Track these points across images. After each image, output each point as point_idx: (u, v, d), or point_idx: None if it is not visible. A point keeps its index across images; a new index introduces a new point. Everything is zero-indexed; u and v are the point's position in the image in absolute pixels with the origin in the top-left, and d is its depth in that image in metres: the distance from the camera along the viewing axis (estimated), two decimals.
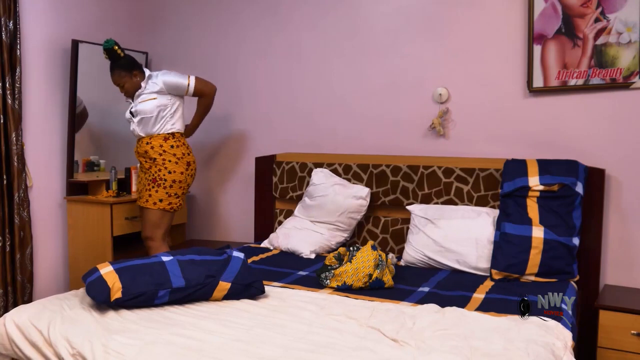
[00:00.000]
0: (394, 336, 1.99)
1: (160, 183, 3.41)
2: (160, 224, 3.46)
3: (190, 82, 3.49)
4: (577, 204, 2.89)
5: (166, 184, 3.41)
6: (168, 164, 3.41)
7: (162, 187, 3.41)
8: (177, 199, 3.47)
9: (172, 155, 3.43)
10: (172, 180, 3.42)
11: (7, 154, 3.42)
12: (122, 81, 3.44)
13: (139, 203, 3.51)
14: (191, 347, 1.90)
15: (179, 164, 3.44)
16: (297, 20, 3.91)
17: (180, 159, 3.45)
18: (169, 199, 3.43)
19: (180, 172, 3.44)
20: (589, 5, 3.01)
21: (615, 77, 2.99)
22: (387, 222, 3.49)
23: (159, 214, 3.43)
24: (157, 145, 3.42)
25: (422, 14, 3.50)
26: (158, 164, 3.42)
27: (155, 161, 3.42)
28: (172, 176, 3.42)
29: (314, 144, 3.89)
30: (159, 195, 3.41)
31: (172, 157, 3.43)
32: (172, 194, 3.44)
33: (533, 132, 3.24)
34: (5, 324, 2.18)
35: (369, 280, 2.63)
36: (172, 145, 3.43)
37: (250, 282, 2.45)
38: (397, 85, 3.59)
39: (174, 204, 3.46)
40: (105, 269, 2.31)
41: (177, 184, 3.44)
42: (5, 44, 3.35)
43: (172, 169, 3.42)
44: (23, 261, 3.52)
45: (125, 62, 3.44)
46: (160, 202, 3.41)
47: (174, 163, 3.43)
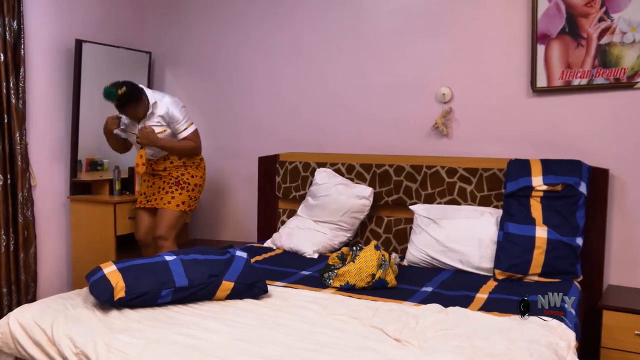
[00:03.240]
0: (396, 336, 1.99)
1: (184, 186, 3.54)
2: (176, 225, 3.56)
3: (189, 129, 3.45)
4: (580, 204, 2.88)
5: (189, 187, 3.55)
6: (190, 169, 3.56)
7: (186, 190, 3.54)
8: (195, 201, 3.63)
9: (192, 160, 3.57)
10: (195, 184, 3.58)
11: (11, 153, 3.42)
12: (138, 113, 3.35)
13: (157, 205, 3.52)
14: (194, 346, 1.90)
15: (199, 169, 3.61)
16: (300, 20, 3.91)
17: (199, 165, 3.61)
18: (189, 201, 3.57)
19: (200, 176, 3.61)
20: (592, 5, 3.00)
21: (619, 76, 2.98)
22: (390, 222, 3.49)
23: (177, 214, 3.53)
24: (176, 159, 3.53)
25: (425, 13, 3.49)
26: (180, 169, 3.54)
27: (176, 167, 3.55)
28: (195, 180, 3.58)
29: (317, 144, 3.89)
30: (182, 198, 3.52)
31: (192, 163, 3.57)
32: (193, 197, 3.59)
33: (536, 132, 3.23)
34: (9, 323, 2.18)
35: (372, 280, 2.63)
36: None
37: (253, 281, 2.45)
38: (400, 85, 3.59)
39: (192, 206, 3.61)
40: (109, 269, 2.32)
41: (198, 187, 3.61)
42: (10, 44, 3.35)
43: (194, 173, 3.58)
44: (27, 260, 3.53)
45: (130, 94, 3.24)
46: (182, 204, 3.53)
47: (195, 167, 3.59)
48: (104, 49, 3.92)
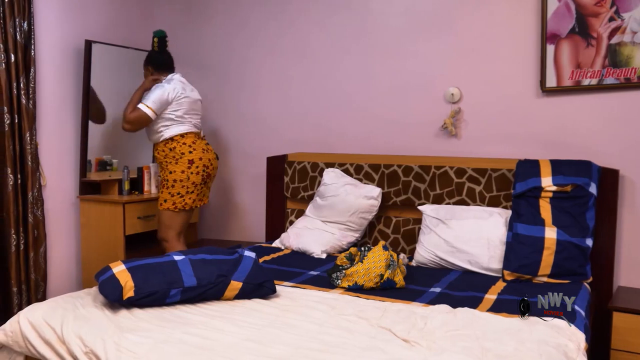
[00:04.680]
0: (405, 336, 1.99)
1: (164, 184, 3.53)
2: (171, 225, 3.52)
3: (142, 107, 3.41)
4: (590, 204, 2.86)
5: (168, 184, 3.50)
6: (169, 165, 3.50)
7: (165, 188, 3.51)
8: (180, 197, 3.49)
9: (171, 157, 3.49)
10: (174, 179, 3.48)
11: (22, 153, 3.45)
12: (162, 67, 3.64)
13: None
14: (203, 346, 1.90)
15: (179, 164, 3.47)
16: (308, 21, 3.91)
17: (179, 159, 3.47)
18: (172, 198, 3.49)
19: (180, 171, 3.47)
20: (603, 5, 2.99)
21: (630, 76, 2.97)
22: (399, 222, 3.49)
23: (167, 214, 3.52)
24: (161, 151, 3.54)
25: (433, 13, 3.49)
26: (163, 167, 3.55)
27: (161, 165, 3.57)
28: (173, 176, 3.48)
29: (326, 144, 3.89)
30: (163, 196, 3.52)
31: (172, 159, 3.49)
32: (174, 193, 3.48)
33: (546, 132, 3.22)
34: (19, 322, 2.20)
35: (380, 281, 2.62)
36: (170, 149, 3.49)
37: (261, 281, 2.46)
38: (409, 85, 3.58)
39: (178, 203, 3.49)
40: (118, 268, 2.33)
41: (179, 183, 3.48)
42: (20, 45, 3.38)
43: (172, 169, 3.49)
44: (37, 260, 3.55)
45: (148, 57, 3.67)
46: (164, 202, 3.50)
47: (174, 163, 3.48)
48: (114, 49, 3.94)
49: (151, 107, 3.39)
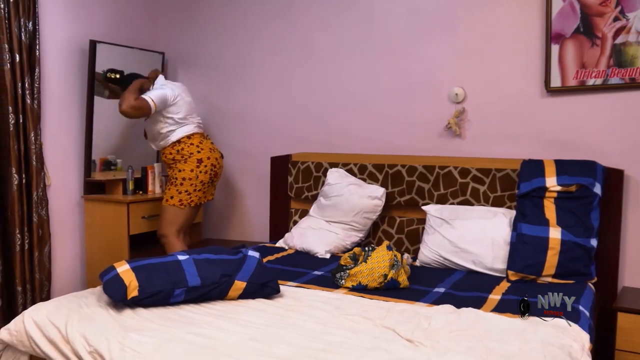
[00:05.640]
0: (408, 336, 1.99)
1: (172, 181, 3.60)
2: (174, 221, 3.58)
3: (149, 94, 3.48)
4: (595, 204, 2.85)
5: (177, 182, 3.57)
6: (178, 164, 3.58)
7: (174, 185, 3.58)
8: (187, 195, 3.57)
9: (180, 157, 3.57)
10: (182, 178, 3.56)
11: (26, 153, 3.45)
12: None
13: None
14: (207, 345, 1.91)
15: (188, 163, 3.56)
16: (311, 20, 3.91)
17: (188, 158, 3.56)
18: (179, 195, 3.57)
19: (190, 170, 3.55)
20: (607, 4, 2.98)
21: (635, 76, 2.96)
22: (403, 223, 3.48)
23: (171, 210, 3.57)
24: (168, 154, 3.62)
25: (437, 13, 3.48)
26: (172, 167, 3.61)
27: (170, 165, 3.65)
28: (182, 174, 3.56)
29: (329, 144, 3.89)
30: (170, 193, 3.59)
31: (180, 158, 3.57)
32: (182, 191, 3.57)
33: (550, 132, 3.21)
34: (24, 321, 2.20)
35: (384, 281, 2.62)
36: (178, 150, 3.58)
37: (265, 281, 2.46)
38: (413, 85, 3.58)
39: (185, 200, 3.57)
40: (122, 268, 2.33)
41: (187, 181, 3.56)
42: (25, 45, 3.38)
43: (182, 167, 3.57)
44: (41, 259, 3.56)
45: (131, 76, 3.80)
46: (171, 198, 3.58)
47: (182, 162, 3.56)
48: (118, 49, 3.95)
49: (154, 100, 3.45)
